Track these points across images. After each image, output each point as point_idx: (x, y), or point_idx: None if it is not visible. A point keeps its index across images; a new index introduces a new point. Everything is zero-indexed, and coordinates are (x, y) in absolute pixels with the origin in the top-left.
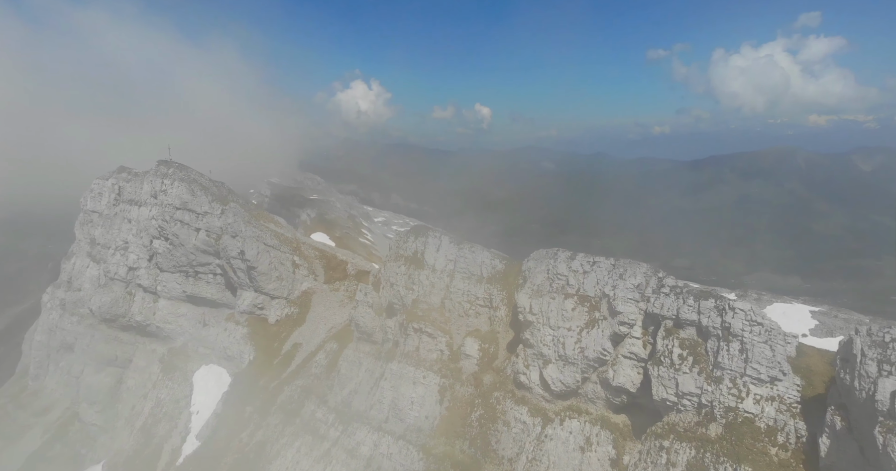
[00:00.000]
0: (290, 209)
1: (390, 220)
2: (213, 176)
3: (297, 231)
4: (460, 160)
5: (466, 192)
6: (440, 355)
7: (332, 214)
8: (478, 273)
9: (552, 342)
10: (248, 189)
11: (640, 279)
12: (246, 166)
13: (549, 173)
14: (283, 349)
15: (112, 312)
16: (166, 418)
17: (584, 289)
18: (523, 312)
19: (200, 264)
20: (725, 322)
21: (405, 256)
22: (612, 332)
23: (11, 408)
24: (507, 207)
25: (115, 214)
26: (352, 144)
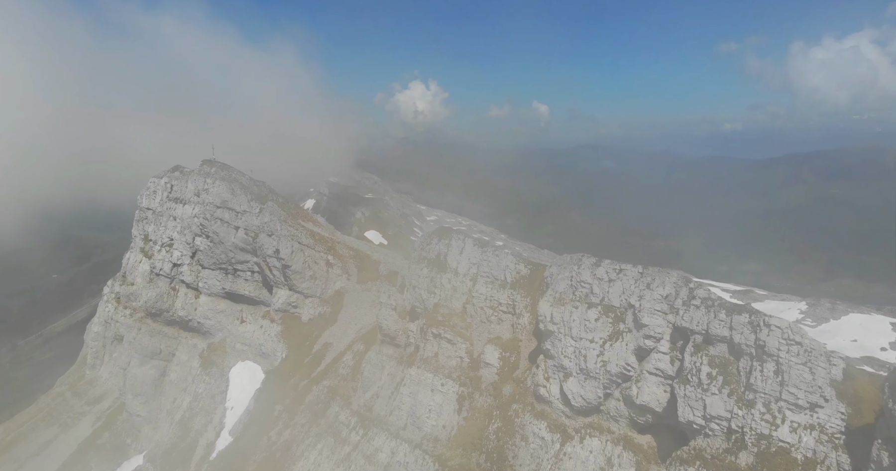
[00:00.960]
0: (346, 208)
1: (442, 219)
2: (278, 175)
3: (352, 229)
4: (516, 159)
5: (522, 191)
6: (460, 362)
7: (386, 212)
8: (501, 278)
9: (573, 354)
10: (309, 188)
11: (668, 289)
12: (308, 166)
13: (610, 172)
14: (314, 348)
15: (157, 307)
16: (202, 412)
17: (608, 298)
18: (544, 320)
19: (239, 262)
20: (759, 340)
21: (428, 258)
22: (636, 345)
23: (69, 395)
24: (563, 207)
25: (163, 211)
26: (409, 144)
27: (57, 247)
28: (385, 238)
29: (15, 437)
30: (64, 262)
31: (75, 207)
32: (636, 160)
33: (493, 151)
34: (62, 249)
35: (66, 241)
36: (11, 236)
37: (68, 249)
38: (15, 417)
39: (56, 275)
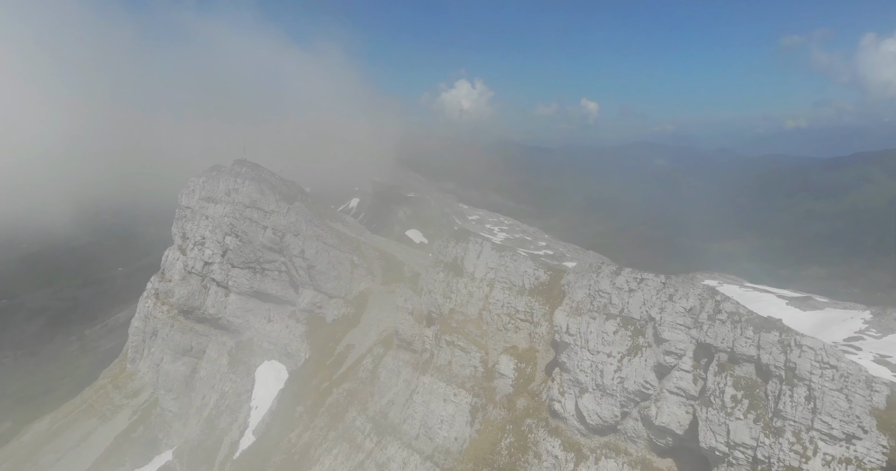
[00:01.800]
0: (389, 206)
1: (484, 218)
2: (324, 174)
3: (393, 227)
4: (563, 157)
5: (568, 189)
6: (473, 372)
7: (427, 211)
8: (519, 284)
9: (590, 369)
10: (354, 187)
11: (692, 302)
12: (353, 165)
13: (662, 170)
14: (337, 350)
15: (189, 304)
16: (228, 410)
17: (628, 310)
18: (560, 331)
19: (267, 261)
20: (790, 361)
21: (444, 262)
22: (656, 362)
23: (110, 388)
24: (612, 206)
25: (197, 210)
26: (453, 143)
27: (124, 242)
28: (426, 237)
29: (59, 427)
30: (129, 256)
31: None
32: (690, 158)
33: (538, 150)
34: (128, 244)
35: (132, 236)
36: (83, 231)
37: (133, 244)
38: (62, 407)
39: (121, 268)
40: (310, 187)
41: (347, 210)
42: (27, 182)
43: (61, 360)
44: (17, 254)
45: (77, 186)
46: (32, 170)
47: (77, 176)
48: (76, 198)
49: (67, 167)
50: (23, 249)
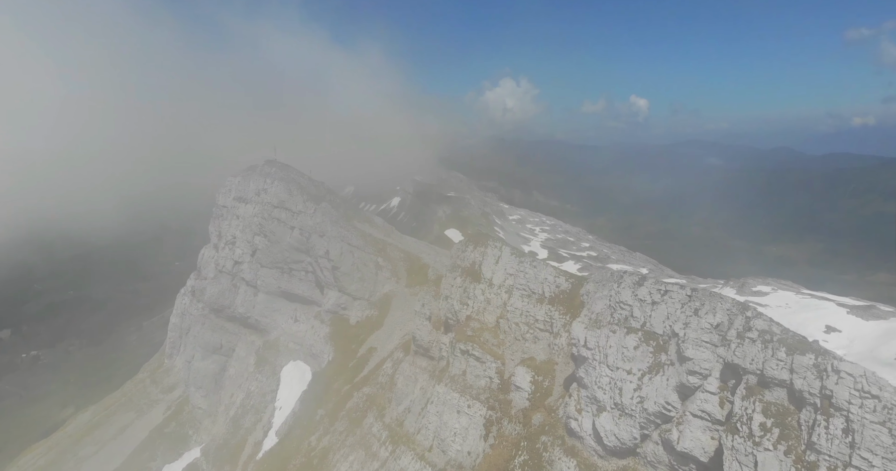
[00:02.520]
0: (429, 206)
1: (525, 218)
2: (367, 174)
3: (433, 226)
4: (610, 156)
5: (615, 189)
6: (489, 383)
7: (466, 211)
8: (539, 292)
9: (609, 386)
10: (396, 186)
11: (720, 317)
12: (395, 164)
13: (716, 170)
14: (359, 352)
15: (219, 303)
16: (253, 410)
17: (650, 324)
18: (577, 344)
19: (294, 262)
20: (826, 389)
21: (462, 267)
22: (679, 381)
23: (148, 382)
24: (662, 207)
25: (230, 209)
26: (496, 142)
27: (182, 237)
28: (465, 237)
29: (100, 419)
30: (186, 251)
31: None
32: (747, 157)
33: (584, 148)
34: (185, 240)
35: (188, 232)
36: (146, 227)
37: (190, 240)
38: (104, 399)
39: (178, 262)
40: (353, 186)
41: (389, 209)
42: (82, 182)
43: (121, 350)
44: (80, 249)
45: (131, 185)
46: (87, 170)
47: (129, 174)
48: (132, 196)
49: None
50: (88, 245)
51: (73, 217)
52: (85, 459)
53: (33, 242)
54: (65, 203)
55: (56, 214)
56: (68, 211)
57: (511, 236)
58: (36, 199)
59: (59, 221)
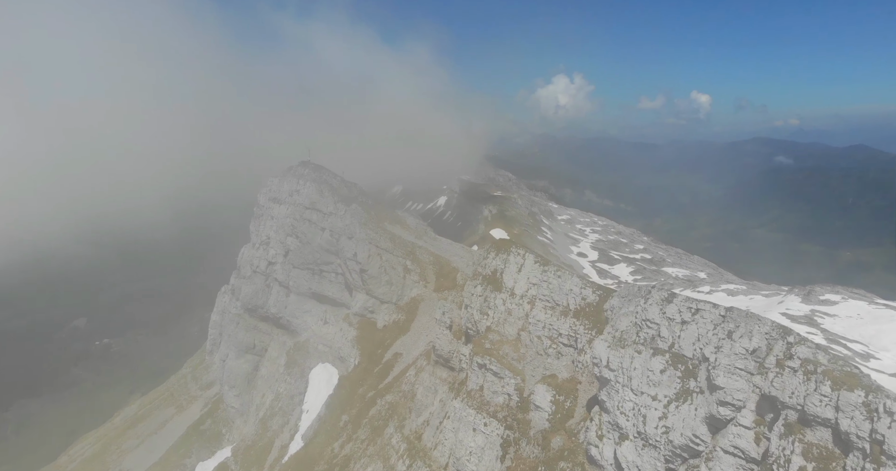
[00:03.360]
0: (475, 205)
1: (575, 218)
2: (414, 173)
3: (478, 226)
4: (669, 154)
5: (674, 188)
6: (507, 400)
7: (513, 210)
8: (563, 303)
9: (632, 412)
10: (442, 185)
11: (757, 342)
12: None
13: (784, 169)
14: (385, 358)
15: (253, 302)
16: (281, 412)
17: (679, 345)
18: (599, 364)
19: (324, 263)
20: (877, 433)
21: (483, 274)
22: (708, 412)
23: (189, 378)
24: (724, 207)
25: (266, 209)
26: (547, 140)
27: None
28: (510, 237)
29: (143, 413)
30: None
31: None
32: (819, 156)
33: (641, 146)
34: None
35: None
36: (209, 223)
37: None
38: (149, 393)
39: None
40: (402, 186)
41: (435, 208)
42: (149, 179)
43: (183, 340)
44: (150, 243)
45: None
46: (151, 166)
47: (187, 173)
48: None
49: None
50: (157, 239)
51: (142, 213)
52: (127, 452)
53: (108, 236)
54: (134, 199)
55: (126, 210)
56: (137, 207)
57: (559, 237)
58: (107, 195)
59: (130, 218)
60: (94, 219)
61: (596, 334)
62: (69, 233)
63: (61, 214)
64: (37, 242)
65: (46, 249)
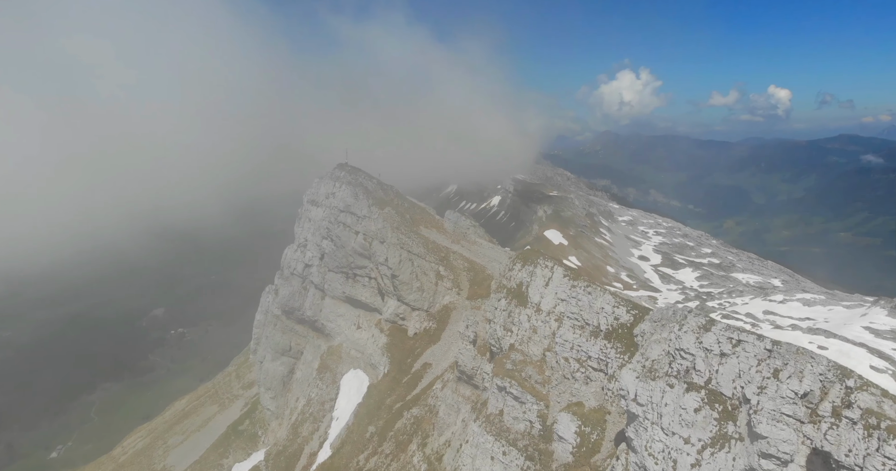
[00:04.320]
0: (529, 205)
1: (637, 219)
2: (468, 172)
3: (532, 227)
4: (742, 152)
5: (747, 189)
6: (528, 428)
7: (569, 211)
8: (594, 323)
9: (661, 455)
10: (496, 185)
11: (809, 384)
12: (497, 163)
13: (874, 168)
14: (414, 367)
15: (290, 305)
16: (311, 418)
17: (716, 381)
18: (626, 397)
19: (358, 267)
20: None
21: (507, 287)
22: (748, 464)
23: (233, 377)
24: (803, 209)
25: (304, 212)
26: (610, 138)
27: None
28: (565, 238)
29: (191, 409)
30: None
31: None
32: None
33: (711, 144)
34: None
35: None
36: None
37: None
38: (198, 388)
39: None
40: (455, 185)
41: (488, 208)
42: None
43: (248, 332)
44: (223, 239)
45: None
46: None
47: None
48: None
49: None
50: (229, 235)
51: (214, 211)
52: (172, 448)
53: (186, 232)
54: (208, 198)
55: (200, 208)
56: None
57: (619, 239)
58: (184, 194)
59: (205, 216)
60: (153, 213)
61: (629, 359)
62: (135, 226)
63: (124, 208)
64: (108, 235)
65: (115, 241)
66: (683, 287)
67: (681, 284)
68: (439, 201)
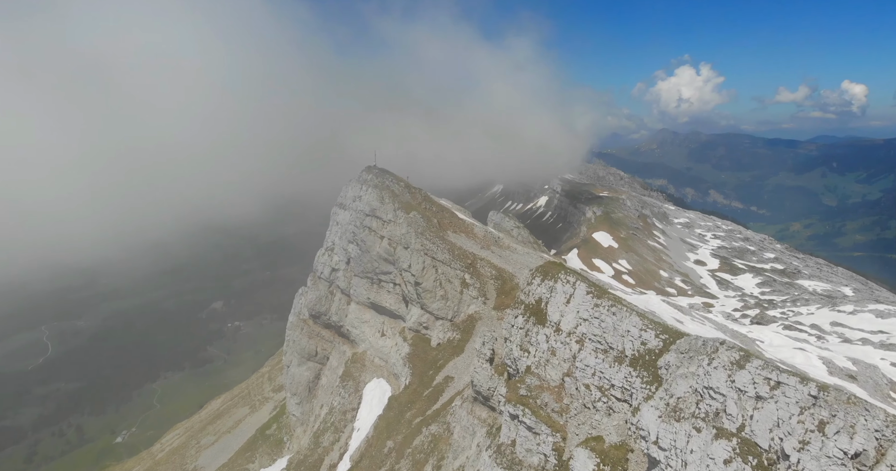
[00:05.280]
0: (577, 206)
1: (694, 221)
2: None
3: (580, 229)
4: (812, 151)
5: (817, 190)
6: (542, 462)
7: (620, 212)
8: (618, 347)
9: None
10: (544, 185)
11: (862, 441)
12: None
13: None
14: (436, 380)
15: (316, 309)
16: (333, 428)
17: (750, 429)
18: (647, 438)
19: (382, 273)
20: None
21: (526, 303)
22: None
23: (266, 379)
24: (880, 212)
25: (333, 215)
26: (667, 136)
27: None
28: (615, 241)
29: (225, 409)
30: None
31: None
32: None
33: (778, 143)
34: None
35: None
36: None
37: None
38: (234, 388)
39: None
40: (501, 185)
41: (535, 209)
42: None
43: None
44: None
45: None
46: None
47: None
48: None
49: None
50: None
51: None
52: (203, 448)
53: (243, 229)
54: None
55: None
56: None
57: (674, 242)
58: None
59: (258, 214)
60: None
61: (655, 391)
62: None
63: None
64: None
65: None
66: (742, 294)
67: (740, 291)
68: (485, 202)
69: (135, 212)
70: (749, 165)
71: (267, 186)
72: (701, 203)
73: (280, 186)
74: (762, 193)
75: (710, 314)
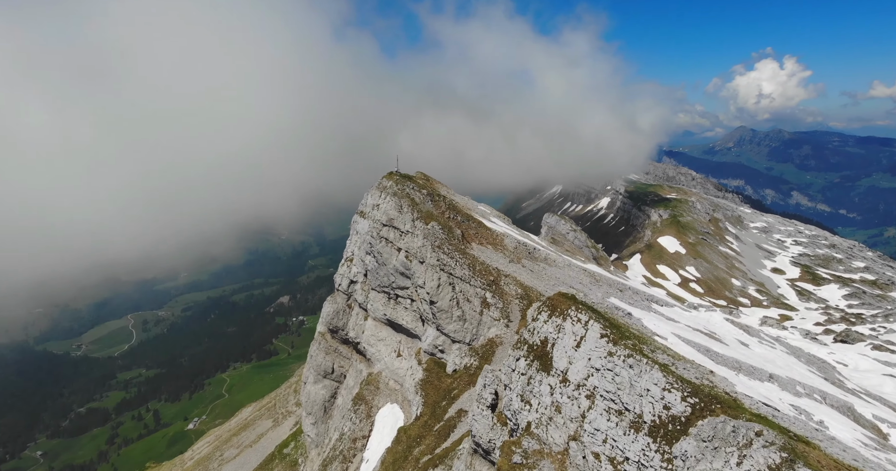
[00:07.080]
0: (641, 208)
1: (773, 226)
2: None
3: (643, 232)
4: None
5: None
6: None
7: (689, 215)
8: (635, 410)
9: None
10: (605, 185)
11: None
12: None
13: None
14: (448, 413)
15: (333, 323)
16: (341, 457)
17: None
18: None
19: (399, 288)
20: None
21: (529, 343)
22: None
23: (292, 390)
24: None
25: (353, 224)
26: (745, 134)
27: None
28: (683, 246)
29: (250, 421)
30: None
31: None
32: None
33: (872, 141)
34: None
35: None
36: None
37: None
38: (264, 398)
39: None
40: (560, 186)
41: (595, 211)
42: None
43: None
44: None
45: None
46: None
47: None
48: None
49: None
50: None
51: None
52: (226, 461)
53: (311, 226)
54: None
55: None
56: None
57: (749, 249)
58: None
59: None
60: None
61: None
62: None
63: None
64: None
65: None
66: (826, 307)
67: (823, 303)
68: (542, 203)
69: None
70: (838, 164)
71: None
72: (782, 206)
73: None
74: (853, 196)
75: (786, 331)
